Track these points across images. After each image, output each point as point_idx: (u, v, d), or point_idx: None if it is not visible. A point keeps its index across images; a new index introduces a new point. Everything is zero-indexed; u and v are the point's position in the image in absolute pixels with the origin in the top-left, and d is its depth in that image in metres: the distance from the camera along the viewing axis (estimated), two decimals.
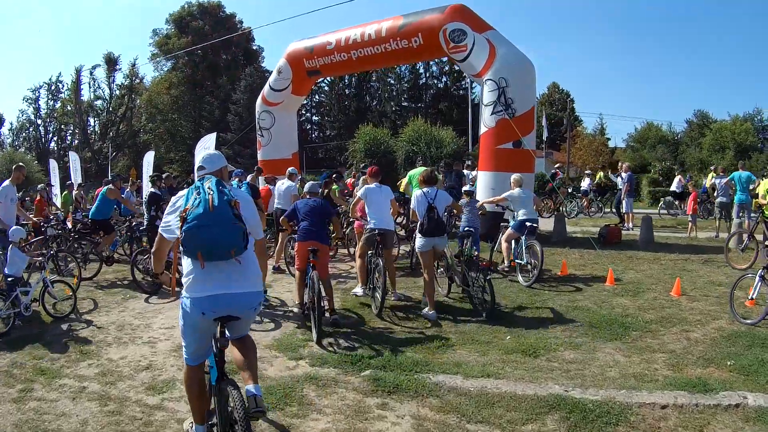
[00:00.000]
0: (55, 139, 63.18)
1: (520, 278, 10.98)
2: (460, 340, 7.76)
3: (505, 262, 11.54)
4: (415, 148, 34.06)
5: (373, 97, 62.51)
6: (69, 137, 63.44)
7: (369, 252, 9.59)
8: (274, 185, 13.74)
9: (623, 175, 19.82)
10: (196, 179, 4.49)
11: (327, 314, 8.42)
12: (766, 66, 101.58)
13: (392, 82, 60.49)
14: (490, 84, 14.93)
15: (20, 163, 11.82)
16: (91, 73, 58.72)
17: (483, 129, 15.44)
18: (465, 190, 12.21)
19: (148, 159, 25.25)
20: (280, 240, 12.18)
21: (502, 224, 12.93)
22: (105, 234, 12.56)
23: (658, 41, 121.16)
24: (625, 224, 18.75)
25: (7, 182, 10.79)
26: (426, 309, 8.85)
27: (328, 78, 54.09)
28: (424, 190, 9.20)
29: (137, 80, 61.34)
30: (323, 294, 8.09)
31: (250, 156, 46.04)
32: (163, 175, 16.38)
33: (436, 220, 8.95)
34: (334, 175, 16.59)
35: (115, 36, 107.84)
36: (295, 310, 9.05)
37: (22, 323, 8.47)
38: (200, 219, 3.86)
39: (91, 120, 61.82)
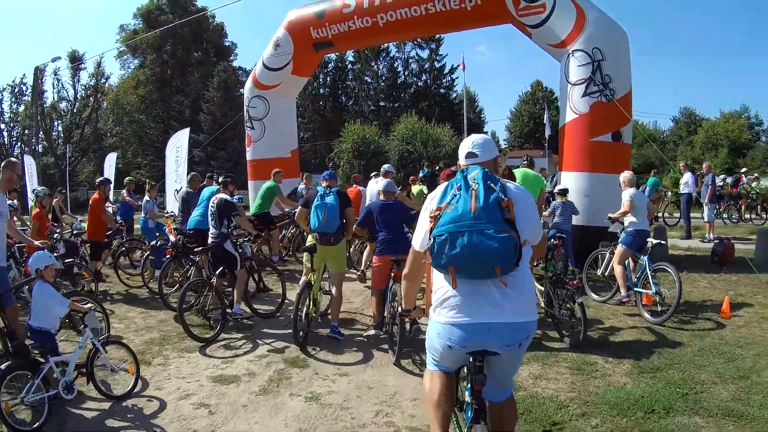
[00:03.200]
0: (19, 144, 58.10)
1: (644, 313, 8.19)
2: None
3: (622, 291, 8.54)
4: (410, 148, 31.81)
5: (350, 97, 59.10)
6: (33, 141, 58.53)
7: None
8: (364, 186, 12.58)
9: (704, 176, 16.00)
10: (461, 167, 3.40)
11: (407, 326, 7.10)
12: (751, 63, 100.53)
13: (369, 80, 57.07)
14: (581, 56, 11.03)
15: (12, 158, 7.00)
16: (55, 73, 53.78)
17: (569, 116, 11.36)
18: (559, 190, 10.37)
19: (110, 161, 22.67)
20: (368, 248, 9.69)
21: (601, 243, 9.62)
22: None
23: (637, 39, 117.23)
24: (707, 235, 15.14)
25: None
26: None
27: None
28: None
29: (103, 80, 56.34)
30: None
31: (225, 159, 43.29)
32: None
33: None
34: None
35: (82, 33, 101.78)
36: (372, 331, 7.56)
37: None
38: (457, 222, 2.99)
39: (56, 122, 56.96)
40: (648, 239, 8.52)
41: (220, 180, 8.98)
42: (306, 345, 7.26)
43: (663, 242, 9.75)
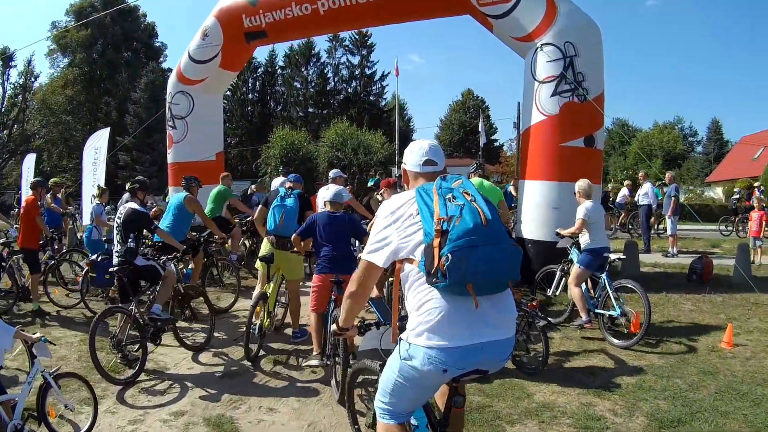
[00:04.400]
0: None
1: (609, 337, 7.50)
2: None
3: (582, 316, 7.71)
4: (340, 154, 30.13)
5: (278, 103, 57.68)
6: None
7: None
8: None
9: (666, 188, 15.10)
10: (410, 174, 3.32)
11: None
12: (684, 74, 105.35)
13: (298, 86, 55.85)
14: (551, 51, 9.71)
15: None
16: None
17: (536, 117, 10.00)
18: None
19: (29, 163, 20.28)
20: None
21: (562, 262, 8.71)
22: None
23: None
24: (670, 249, 14.14)
25: None
26: None
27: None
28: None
29: (32, 78, 52.91)
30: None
31: (151, 163, 41.17)
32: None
33: None
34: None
35: (14, 30, 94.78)
36: (313, 362, 6.32)
37: None
38: (470, 237, 2.76)
39: None
40: (607, 254, 7.72)
41: (127, 186, 7.59)
42: (258, 361, 6.86)
43: (623, 257, 8.69)
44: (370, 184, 14.72)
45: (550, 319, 7.97)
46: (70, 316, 9.13)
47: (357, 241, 7.22)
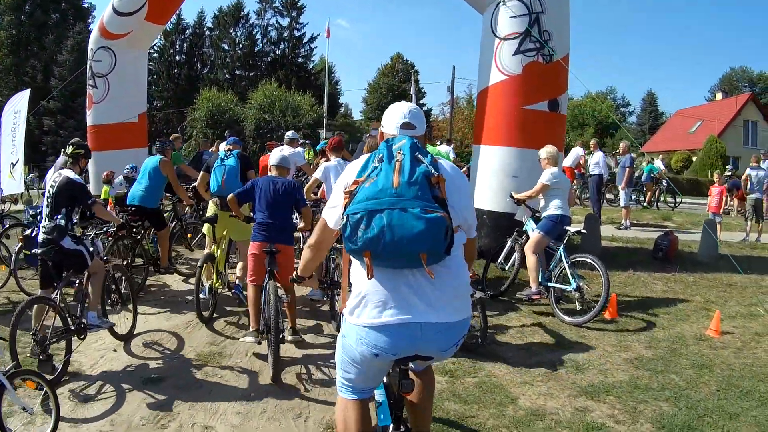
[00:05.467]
0: None
1: (560, 313, 7.06)
2: None
3: (532, 286, 7.27)
4: (268, 116, 30.05)
5: (205, 65, 55.70)
6: None
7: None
8: None
9: (620, 158, 14.61)
10: (385, 138, 2.89)
11: (286, 334, 5.90)
12: (616, 45, 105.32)
13: (226, 47, 54.13)
14: (515, 6, 8.92)
15: None
16: None
17: (495, 76, 9.15)
18: None
19: None
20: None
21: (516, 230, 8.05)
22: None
23: None
24: (623, 221, 13.70)
25: None
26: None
27: (158, 42, 46.80)
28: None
29: None
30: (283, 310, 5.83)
31: (75, 127, 38.29)
32: None
33: None
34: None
35: None
36: (249, 339, 5.76)
37: None
38: (376, 199, 2.51)
39: None
40: (568, 226, 7.35)
41: (68, 150, 6.15)
42: (212, 321, 6.73)
43: (583, 231, 8.14)
44: (320, 147, 13.82)
45: (488, 290, 7.52)
46: None
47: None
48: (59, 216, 5.61)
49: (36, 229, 7.27)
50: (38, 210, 8.99)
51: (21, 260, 8.17)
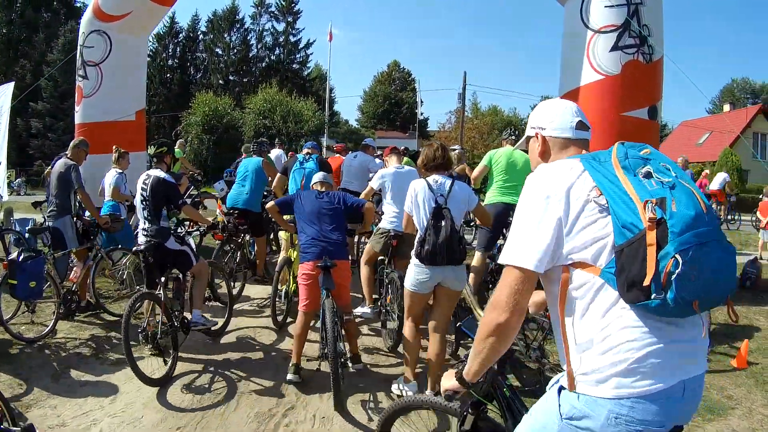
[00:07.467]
0: None
1: None
2: None
3: None
4: (268, 122, 29.20)
5: (198, 70, 55.05)
6: None
7: (379, 258, 6.65)
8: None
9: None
10: (553, 141, 2.26)
11: (349, 364, 5.21)
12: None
13: (220, 52, 53.34)
14: None
15: None
16: None
17: (589, 76, 7.73)
18: None
19: None
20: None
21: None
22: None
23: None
24: None
25: None
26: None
27: (150, 46, 45.55)
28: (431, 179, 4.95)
29: None
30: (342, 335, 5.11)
31: (64, 130, 36.84)
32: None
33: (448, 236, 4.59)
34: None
35: None
36: (291, 377, 5.22)
37: None
38: (696, 229, 1.75)
39: None
40: None
41: (151, 151, 6.28)
42: (285, 326, 6.64)
43: None
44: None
45: None
46: None
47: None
48: (162, 218, 5.82)
49: (21, 251, 6.31)
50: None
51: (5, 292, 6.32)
